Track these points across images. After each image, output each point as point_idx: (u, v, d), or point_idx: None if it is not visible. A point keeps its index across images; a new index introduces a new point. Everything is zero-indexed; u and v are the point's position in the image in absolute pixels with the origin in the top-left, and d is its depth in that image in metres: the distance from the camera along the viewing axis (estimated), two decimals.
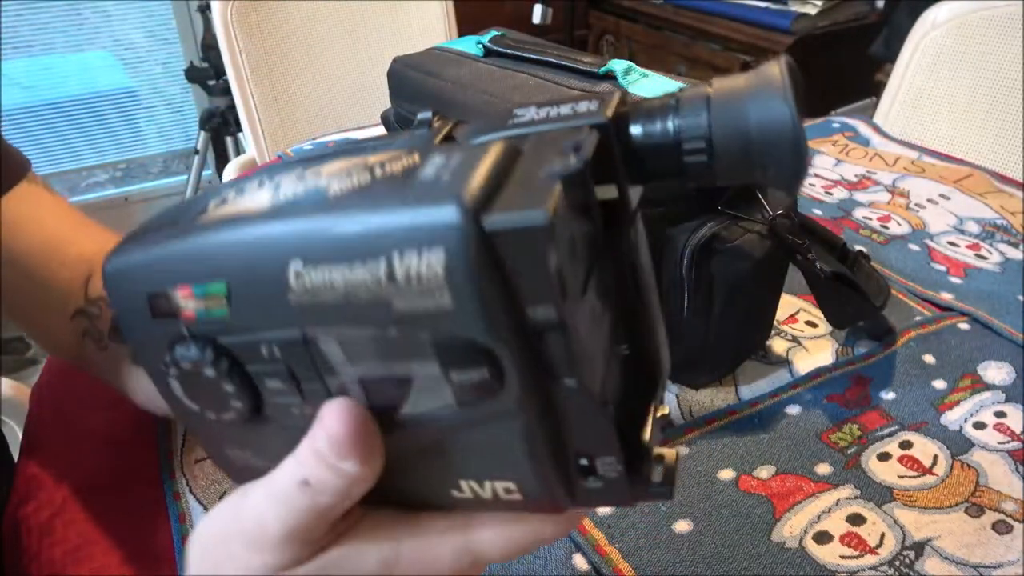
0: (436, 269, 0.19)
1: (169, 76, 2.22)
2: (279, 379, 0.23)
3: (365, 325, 0.21)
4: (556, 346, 0.20)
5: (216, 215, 0.22)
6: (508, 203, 0.19)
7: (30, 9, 1.97)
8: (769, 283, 0.59)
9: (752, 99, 0.21)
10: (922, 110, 1.18)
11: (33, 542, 0.49)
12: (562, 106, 0.22)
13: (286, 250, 0.20)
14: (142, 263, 0.23)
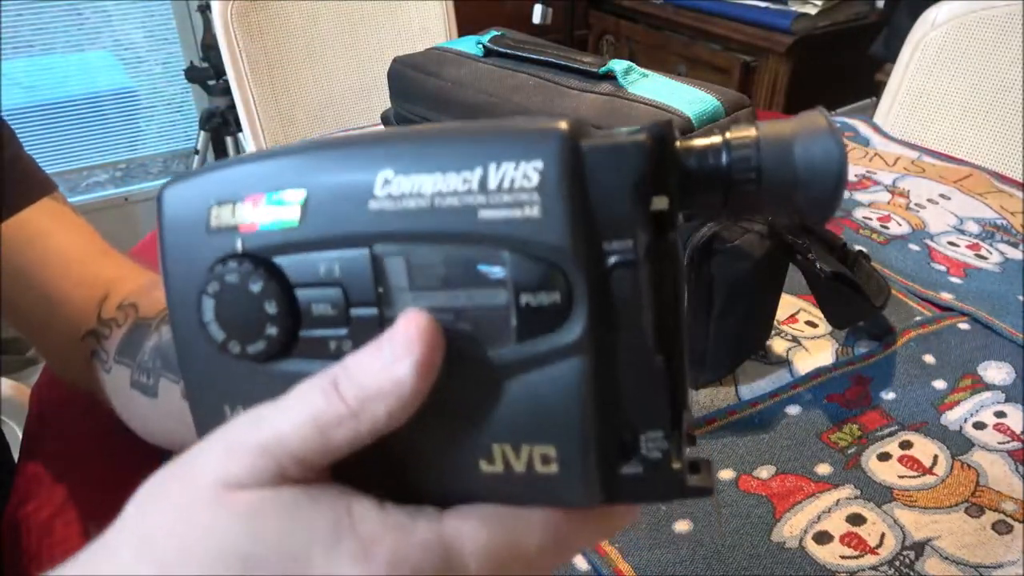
0: (532, 178, 0.20)
1: (169, 76, 2.22)
2: (329, 304, 0.22)
3: (442, 241, 0.21)
4: (626, 286, 0.20)
5: (299, 144, 0.22)
6: (601, 140, 0.20)
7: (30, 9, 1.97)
8: (769, 283, 0.59)
9: (801, 138, 0.22)
10: (922, 110, 1.18)
11: (33, 542, 0.49)
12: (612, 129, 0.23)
13: (378, 161, 0.21)
14: (211, 178, 0.23)
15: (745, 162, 0.22)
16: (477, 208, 0.20)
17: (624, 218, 0.20)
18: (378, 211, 0.21)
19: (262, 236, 0.22)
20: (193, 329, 0.23)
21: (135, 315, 0.48)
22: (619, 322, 0.21)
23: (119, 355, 0.47)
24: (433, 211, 0.20)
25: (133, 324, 0.47)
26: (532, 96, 0.57)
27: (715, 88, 0.56)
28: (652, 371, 0.21)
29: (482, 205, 0.20)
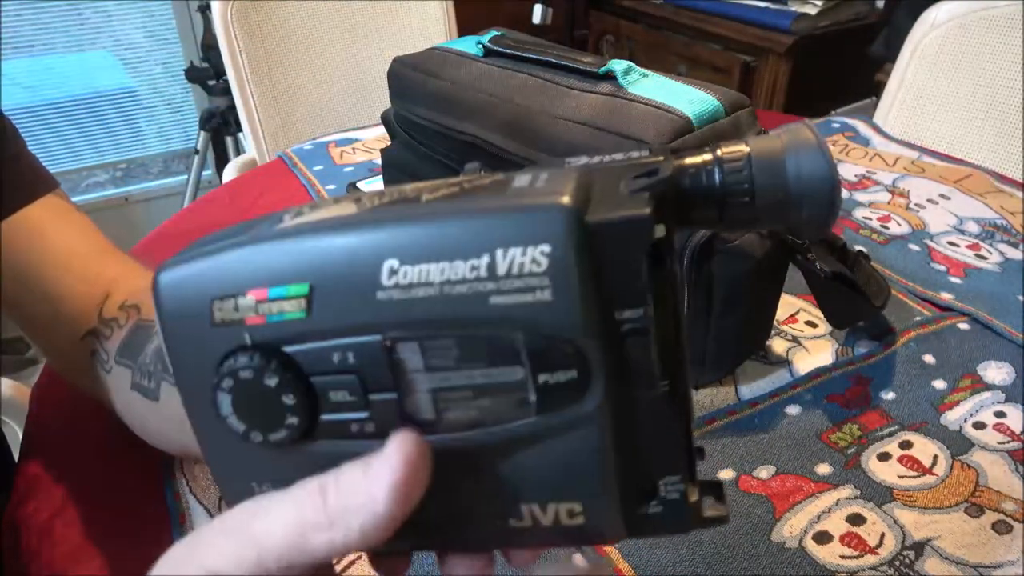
0: (541, 262, 0.20)
1: (169, 76, 2.22)
2: (346, 390, 0.22)
3: (454, 326, 0.21)
4: (639, 351, 0.21)
5: (298, 223, 0.22)
6: (604, 208, 0.20)
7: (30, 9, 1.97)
8: (769, 283, 0.59)
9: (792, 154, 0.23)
10: (922, 110, 1.18)
11: (33, 542, 0.49)
12: (615, 155, 0.23)
13: (381, 250, 0.21)
14: (208, 268, 0.22)
15: (738, 180, 0.22)
16: (488, 295, 0.20)
17: (635, 288, 0.20)
18: (387, 300, 0.21)
19: (270, 328, 0.22)
20: (211, 419, 0.23)
21: (137, 316, 0.47)
22: (634, 382, 0.21)
23: (120, 356, 0.47)
24: (444, 299, 0.20)
25: (135, 325, 0.47)
26: (532, 96, 0.57)
27: (715, 88, 0.56)
28: (667, 423, 0.22)
29: (493, 292, 0.20)
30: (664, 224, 0.21)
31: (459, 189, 0.22)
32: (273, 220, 0.23)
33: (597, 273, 0.20)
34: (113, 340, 0.48)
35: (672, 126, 0.51)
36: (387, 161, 0.69)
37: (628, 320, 0.21)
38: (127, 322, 0.47)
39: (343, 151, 1.02)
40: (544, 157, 0.55)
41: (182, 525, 0.49)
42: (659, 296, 0.22)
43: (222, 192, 0.95)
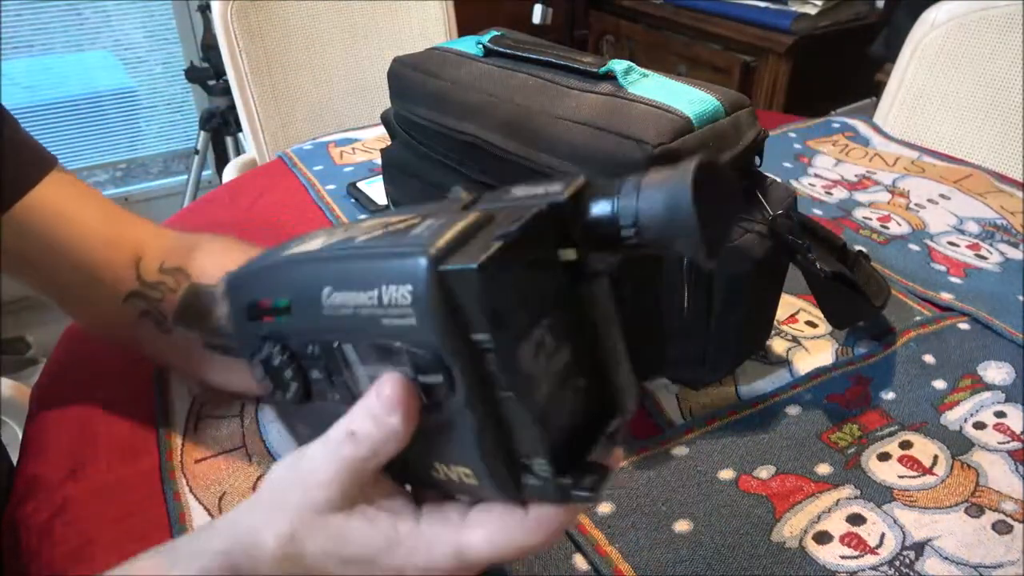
0: (407, 298, 0.27)
1: (169, 76, 2.22)
2: (319, 371, 0.32)
3: (366, 336, 0.29)
4: (494, 365, 0.27)
5: (292, 251, 0.32)
6: (461, 255, 0.26)
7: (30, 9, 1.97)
8: (769, 283, 0.59)
9: (667, 188, 0.27)
10: (922, 110, 1.18)
11: (33, 543, 0.49)
12: (540, 186, 0.29)
13: (323, 279, 0.30)
14: (243, 279, 0.34)
15: (628, 220, 0.28)
16: (380, 318, 0.28)
17: (479, 316, 0.26)
18: (328, 316, 0.30)
19: (275, 325, 0.32)
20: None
21: (187, 281, 0.53)
22: (498, 385, 0.28)
23: (179, 318, 0.50)
24: (356, 317, 0.29)
25: (189, 290, 0.50)
26: (532, 96, 0.57)
27: (715, 88, 0.56)
28: (529, 421, 0.28)
29: (382, 316, 0.28)
30: (575, 248, 0.28)
31: (383, 232, 0.29)
32: (288, 245, 0.33)
33: (446, 306, 0.26)
34: (168, 302, 0.53)
35: (672, 126, 0.51)
36: (387, 161, 0.69)
37: (481, 341, 0.27)
38: (178, 286, 0.53)
39: (343, 151, 1.02)
40: (544, 157, 0.55)
41: (182, 525, 0.49)
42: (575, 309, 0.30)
43: (222, 192, 0.95)
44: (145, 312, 0.54)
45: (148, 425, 0.57)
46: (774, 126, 1.10)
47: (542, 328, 0.29)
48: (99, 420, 0.58)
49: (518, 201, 0.29)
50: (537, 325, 0.28)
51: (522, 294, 0.28)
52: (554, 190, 0.29)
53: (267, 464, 0.54)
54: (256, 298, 0.33)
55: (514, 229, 0.26)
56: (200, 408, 0.59)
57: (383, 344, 0.29)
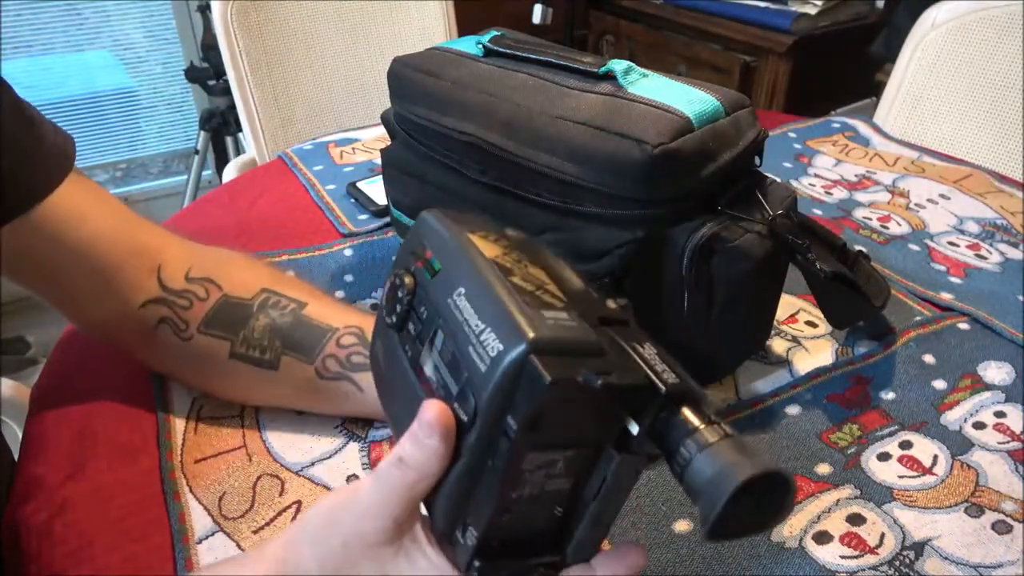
0: (493, 351, 0.30)
1: (169, 76, 2.22)
2: (414, 326, 0.37)
3: (454, 343, 0.33)
4: (501, 447, 0.31)
5: (471, 238, 0.36)
6: (552, 362, 0.29)
7: (30, 9, 1.97)
8: (769, 283, 0.59)
9: (717, 479, 0.29)
10: (922, 110, 1.18)
11: (33, 543, 0.49)
12: (664, 365, 0.32)
13: (468, 279, 0.34)
14: (427, 230, 0.37)
15: (683, 458, 0.30)
16: (470, 344, 0.32)
17: (518, 410, 0.29)
18: (449, 304, 0.34)
19: (420, 272, 0.37)
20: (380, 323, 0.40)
21: (220, 292, 0.54)
22: (492, 456, 0.31)
23: (207, 327, 0.54)
24: (459, 327, 0.32)
25: (221, 301, 0.54)
26: (532, 96, 0.57)
27: (715, 88, 0.56)
28: (490, 502, 0.32)
29: (473, 344, 0.31)
30: (637, 422, 0.31)
31: (532, 290, 0.33)
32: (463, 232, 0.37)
33: (511, 385, 0.29)
34: (194, 312, 0.53)
35: (672, 126, 0.51)
36: (387, 161, 0.69)
37: (509, 425, 0.30)
38: (208, 296, 0.54)
39: (343, 151, 1.02)
40: (544, 157, 0.55)
41: (182, 525, 0.49)
42: (597, 465, 0.33)
43: (222, 192, 0.95)
44: (164, 319, 0.54)
45: (148, 425, 0.57)
46: (774, 126, 1.10)
47: (560, 455, 0.32)
48: (99, 420, 0.58)
49: (639, 356, 0.32)
50: (558, 451, 0.32)
51: (566, 423, 0.31)
52: (666, 378, 0.31)
53: (266, 464, 0.54)
54: (424, 248, 0.37)
55: (598, 384, 0.29)
56: (200, 408, 0.59)
57: (457, 360, 0.33)
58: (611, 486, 0.33)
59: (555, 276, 0.36)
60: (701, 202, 0.53)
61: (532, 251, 0.37)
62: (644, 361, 0.32)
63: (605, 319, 0.34)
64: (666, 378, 0.31)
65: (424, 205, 0.65)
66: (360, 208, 0.87)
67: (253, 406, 0.58)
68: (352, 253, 0.78)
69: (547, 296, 0.33)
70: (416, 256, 0.37)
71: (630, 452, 0.32)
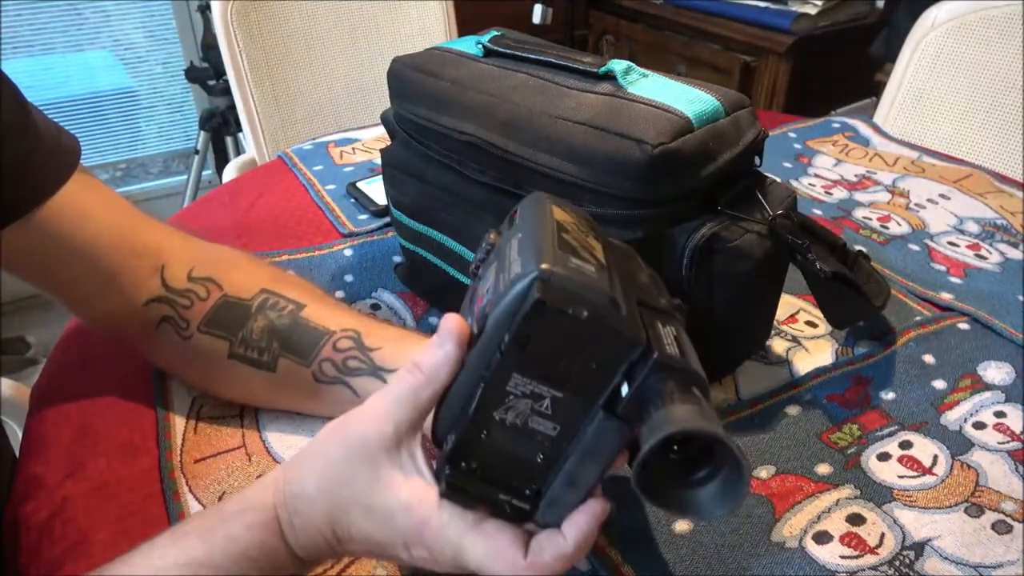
0: (516, 271, 0.33)
1: (169, 76, 2.22)
2: (482, 269, 0.39)
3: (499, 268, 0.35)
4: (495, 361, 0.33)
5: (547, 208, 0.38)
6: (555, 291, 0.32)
7: (30, 9, 1.97)
8: (769, 283, 0.59)
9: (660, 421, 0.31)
10: (922, 110, 1.18)
11: (32, 541, 0.49)
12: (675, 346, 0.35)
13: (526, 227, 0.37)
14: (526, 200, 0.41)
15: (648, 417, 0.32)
16: (502, 273, 0.35)
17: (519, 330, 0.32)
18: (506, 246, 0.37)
19: (504, 227, 0.40)
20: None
21: (220, 292, 0.54)
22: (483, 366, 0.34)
23: (207, 326, 0.54)
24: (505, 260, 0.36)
25: (221, 301, 0.54)
26: (532, 96, 0.57)
27: (715, 88, 0.56)
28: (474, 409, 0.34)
29: (505, 272, 0.34)
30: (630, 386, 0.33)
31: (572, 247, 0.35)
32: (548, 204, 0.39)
33: (518, 302, 0.32)
34: (195, 311, 0.54)
35: (672, 126, 0.51)
36: (387, 161, 0.69)
37: (503, 341, 0.33)
38: (208, 296, 0.54)
39: (343, 151, 1.02)
40: (544, 157, 0.55)
41: None
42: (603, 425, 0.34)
43: (222, 192, 0.95)
44: (166, 318, 0.54)
45: (148, 424, 0.57)
46: (774, 126, 1.10)
47: (547, 391, 0.33)
48: (99, 419, 0.58)
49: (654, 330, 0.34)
50: (546, 384, 0.33)
51: (556, 356, 0.32)
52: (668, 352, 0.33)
53: (266, 464, 0.54)
54: (517, 210, 0.40)
55: (584, 315, 0.31)
56: (200, 408, 0.59)
57: (494, 282, 0.35)
58: (589, 446, 0.34)
59: (616, 259, 0.37)
60: (701, 202, 0.53)
61: (614, 247, 0.40)
62: (655, 332, 0.33)
63: (645, 303, 0.36)
64: (668, 352, 0.33)
65: (424, 205, 0.66)
66: (360, 208, 0.87)
67: (254, 407, 0.58)
68: (352, 253, 0.78)
69: (586, 254, 0.34)
70: (510, 219, 0.40)
71: (615, 414, 0.33)
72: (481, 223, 0.60)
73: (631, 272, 0.39)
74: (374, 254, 0.78)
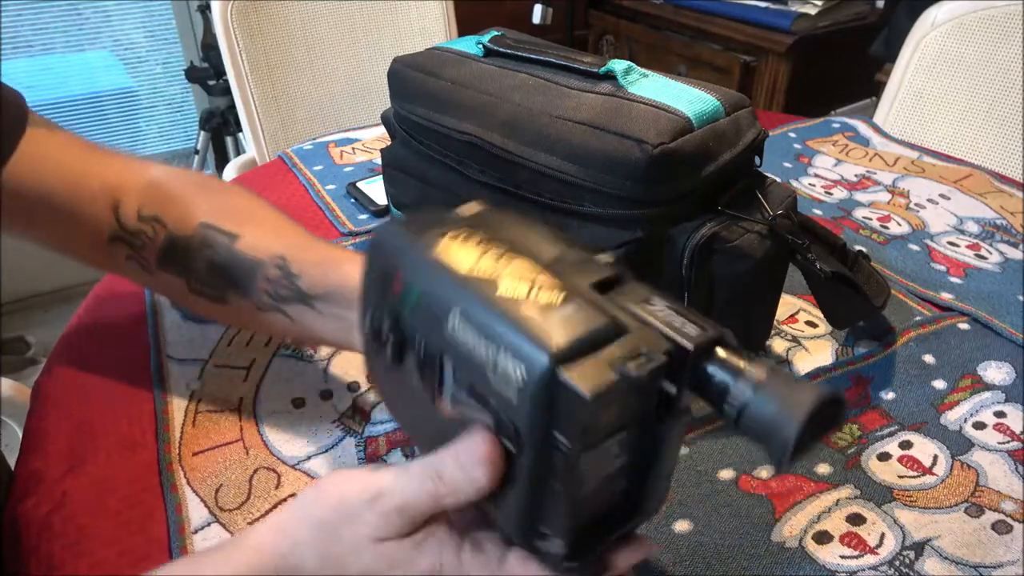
0: (518, 379, 0.29)
1: (169, 76, 2.22)
2: (415, 360, 0.35)
3: (469, 372, 0.32)
4: (559, 461, 0.30)
5: (440, 253, 0.34)
6: (582, 369, 0.28)
7: (30, 9, 1.97)
8: (769, 283, 0.59)
9: (782, 413, 0.30)
10: (922, 110, 1.18)
11: (32, 537, 0.49)
12: (679, 315, 0.32)
13: (458, 300, 0.32)
14: (390, 249, 0.37)
15: (736, 401, 0.31)
16: (488, 371, 0.30)
17: (573, 428, 0.29)
18: (447, 333, 0.32)
19: (398, 303, 0.35)
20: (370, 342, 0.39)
21: (165, 231, 0.55)
22: (552, 474, 0.30)
23: (162, 265, 0.56)
24: (469, 355, 0.31)
25: (166, 239, 0.55)
26: (532, 96, 0.57)
27: (715, 88, 0.56)
28: (562, 511, 0.31)
29: (491, 371, 0.30)
30: (675, 384, 0.31)
31: (526, 293, 0.31)
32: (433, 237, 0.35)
33: (550, 406, 0.29)
34: (149, 250, 0.55)
35: (672, 126, 0.51)
36: (387, 161, 0.69)
37: (559, 441, 0.29)
38: (156, 236, 0.55)
39: (343, 151, 1.02)
40: (544, 157, 0.55)
41: (179, 516, 0.49)
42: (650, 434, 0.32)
43: None
44: (129, 256, 0.56)
45: (147, 419, 0.57)
46: (774, 126, 1.10)
47: (614, 440, 0.31)
48: (98, 415, 0.58)
49: (654, 317, 0.31)
50: (612, 438, 0.31)
51: (614, 416, 0.30)
52: (688, 331, 0.31)
53: (263, 457, 0.54)
54: (394, 273, 0.35)
55: (634, 375, 0.28)
56: (198, 402, 0.59)
57: (480, 390, 0.31)
58: (664, 448, 0.33)
59: (535, 253, 0.34)
60: (701, 202, 0.53)
61: (502, 227, 0.36)
62: (662, 322, 0.31)
63: (602, 283, 0.33)
64: (689, 332, 0.31)
65: (424, 205, 0.66)
66: (360, 208, 0.87)
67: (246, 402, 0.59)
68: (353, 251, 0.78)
69: (543, 293, 0.31)
70: (386, 282, 0.36)
71: (673, 415, 0.32)
72: None
73: (542, 250, 0.34)
74: None
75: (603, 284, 0.33)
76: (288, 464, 0.54)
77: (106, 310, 0.70)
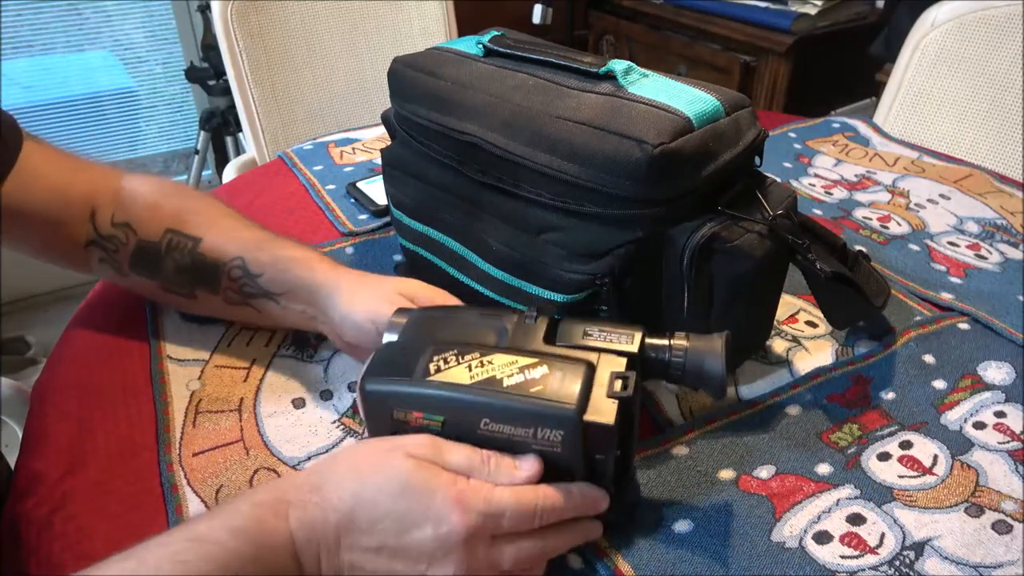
0: (558, 437, 0.41)
1: (169, 76, 2.22)
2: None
3: (510, 445, 0.43)
4: (601, 467, 0.43)
5: (439, 379, 0.43)
6: (594, 408, 0.41)
7: (30, 9, 1.97)
8: (769, 283, 0.59)
9: (708, 355, 0.45)
10: (922, 110, 1.18)
11: (32, 537, 0.49)
12: (613, 333, 0.45)
13: (482, 412, 0.42)
14: (390, 396, 0.43)
15: (678, 364, 0.45)
16: (530, 443, 0.42)
17: (606, 446, 0.42)
18: (481, 434, 0.42)
19: (422, 427, 0.43)
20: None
21: (136, 237, 0.61)
22: (599, 477, 0.44)
23: (134, 268, 0.62)
24: (508, 439, 0.42)
25: (137, 245, 0.61)
26: (532, 96, 0.57)
27: (715, 88, 0.56)
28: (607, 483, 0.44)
29: (532, 442, 0.42)
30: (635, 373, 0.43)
31: (523, 379, 0.42)
32: (422, 362, 0.43)
33: (583, 442, 0.41)
34: (122, 254, 0.61)
35: (672, 126, 0.51)
36: (387, 161, 0.69)
37: (598, 457, 0.42)
38: (128, 241, 0.61)
39: (343, 151, 1.02)
40: (544, 157, 0.55)
41: (179, 517, 0.49)
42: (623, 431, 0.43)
43: (222, 192, 0.95)
44: (103, 259, 0.62)
45: (147, 419, 0.57)
46: (774, 126, 1.10)
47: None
48: (98, 415, 0.58)
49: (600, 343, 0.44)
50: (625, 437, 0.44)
51: (623, 422, 0.42)
52: (624, 340, 0.44)
53: (263, 457, 0.54)
54: (404, 411, 0.43)
55: (627, 395, 0.41)
56: (199, 403, 0.59)
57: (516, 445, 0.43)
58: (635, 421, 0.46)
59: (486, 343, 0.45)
60: (701, 202, 0.53)
61: (463, 328, 0.46)
62: (606, 343, 0.44)
63: (547, 335, 0.45)
64: (625, 340, 0.44)
65: (424, 205, 0.66)
66: (360, 208, 0.87)
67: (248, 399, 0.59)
68: (353, 252, 0.78)
69: (530, 370, 0.42)
70: (403, 422, 0.43)
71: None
72: (481, 223, 0.60)
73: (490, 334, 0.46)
74: (375, 253, 0.78)
75: (547, 335, 0.45)
76: (288, 464, 0.54)
77: (106, 310, 0.70)
